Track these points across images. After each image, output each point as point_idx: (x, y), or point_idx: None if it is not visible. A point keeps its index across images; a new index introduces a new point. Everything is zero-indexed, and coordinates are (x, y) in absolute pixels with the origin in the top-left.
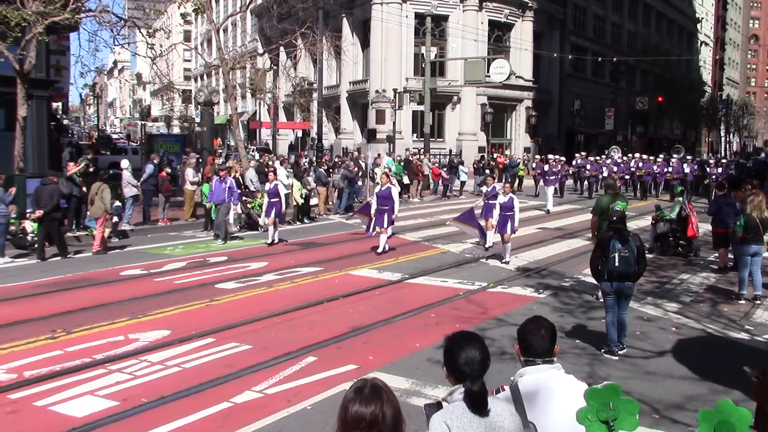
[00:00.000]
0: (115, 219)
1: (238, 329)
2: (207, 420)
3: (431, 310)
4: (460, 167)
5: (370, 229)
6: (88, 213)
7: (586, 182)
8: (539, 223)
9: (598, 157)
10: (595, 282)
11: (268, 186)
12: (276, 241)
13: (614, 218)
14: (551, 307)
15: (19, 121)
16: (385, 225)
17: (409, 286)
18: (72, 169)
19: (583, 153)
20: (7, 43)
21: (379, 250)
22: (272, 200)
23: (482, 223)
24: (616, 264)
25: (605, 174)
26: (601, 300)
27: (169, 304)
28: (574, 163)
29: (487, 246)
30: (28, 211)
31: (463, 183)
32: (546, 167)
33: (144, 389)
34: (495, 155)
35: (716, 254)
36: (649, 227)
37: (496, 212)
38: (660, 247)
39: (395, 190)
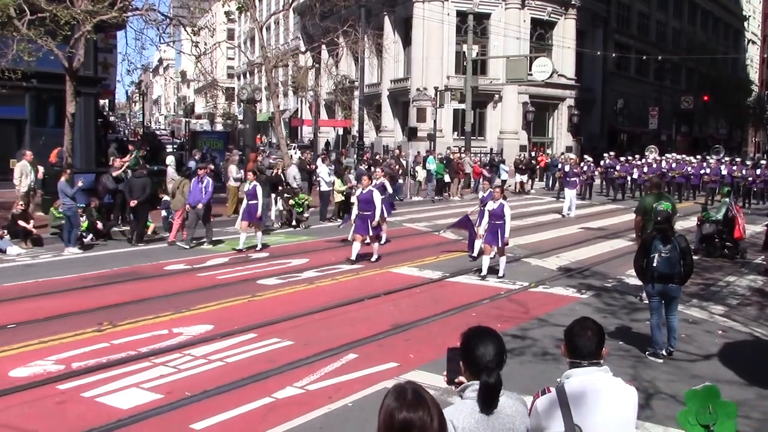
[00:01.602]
0: (164, 213)
1: (279, 325)
2: (249, 414)
3: (472, 309)
4: (501, 166)
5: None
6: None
7: (615, 184)
8: (581, 223)
9: (629, 158)
10: (639, 283)
11: (246, 186)
12: (258, 246)
13: (659, 219)
14: (594, 308)
15: (67, 117)
16: (370, 232)
17: (450, 285)
18: (118, 164)
19: (612, 153)
20: (56, 41)
21: (353, 257)
22: (250, 203)
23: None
24: (656, 264)
25: (635, 175)
26: (646, 302)
27: (212, 299)
28: (602, 163)
29: (474, 255)
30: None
31: (504, 182)
32: (567, 168)
33: (187, 383)
34: (536, 154)
35: (763, 256)
36: (694, 228)
37: (485, 220)
38: (705, 249)
39: (377, 194)
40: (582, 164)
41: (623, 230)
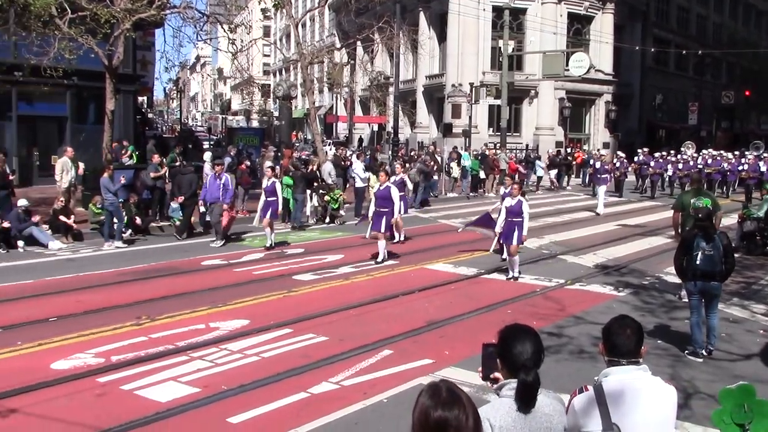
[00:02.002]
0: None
1: (315, 320)
2: (284, 409)
3: (507, 306)
4: (537, 162)
5: (396, 238)
6: (171, 204)
7: (648, 180)
8: (618, 220)
9: (663, 154)
10: (679, 281)
11: (265, 183)
12: (273, 244)
13: (700, 215)
14: (631, 306)
15: (107, 114)
16: (383, 229)
17: (485, 282)
18: (156, 160)
19: (646, 149)
20: (97, 39)
21: (379, 258)
22: (269, 199)
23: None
24: (698, 262)
25: (670, 172)
26: (685, 300)
27: (248, 294)
28: (636, 159)
29: (504, 257)
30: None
31: (539, 178)
32: (597, 164)
33: (224, 377)
34: (572, 150)
35: None
36: (734, 226)
37: (501, 217)
38: (746, 247)
39: (395, 191)
40: (615, 160)
41: (661, 227)
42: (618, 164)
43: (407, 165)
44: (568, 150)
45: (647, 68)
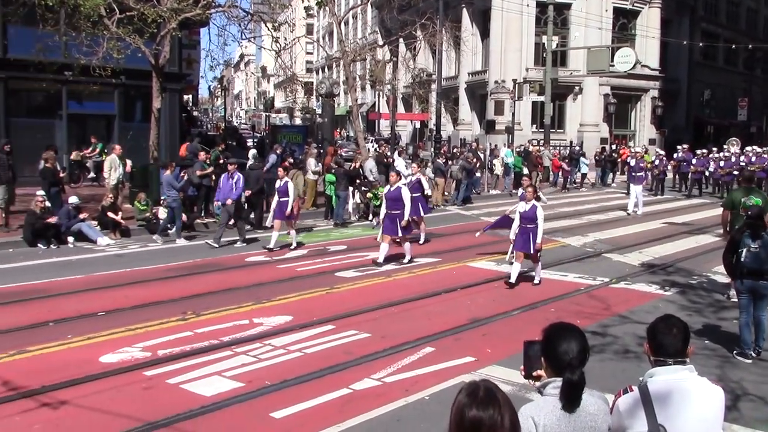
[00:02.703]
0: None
1: (357, 317)
2: (327, 405)
3: (551, 305)
4: (581, 159)
5: (421, 239)
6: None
7: (689, 179)
8: (665, 218)
9: (704, 151)
10: (727, 280)
11: (278, 183)
12: (293, 245)
13: (751, 214)
14: (678, 306)
15: (153, 112)
16: (399, 233)
17: (528, 279)
18: (202, 157)
19: (686, 146)
20: (144, 39)
21: (380, 259)
22: (281, 200)
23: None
24: (743, 259)
25: (711, 169)
26: (734, 299)
27: (291, 291)
28: (675, 156)
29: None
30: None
31: (584, 175)
32: (632, 162)
33: (267, 372)
34: (618, 147)
35: None
36: None
37: (515, 224)
38: None
39: (406, 192)
40: (653, 158)
41: (709, 225)
42: (657, 162)
43: (449, 162)
44: (613, 147)
45: (695, 63)
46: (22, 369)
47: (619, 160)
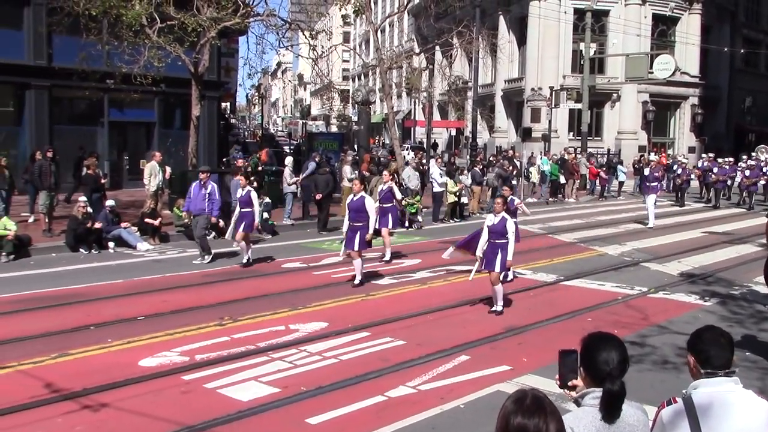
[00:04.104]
0: (265, 215)
1: (392, 324)
2: (362, 412)
3: (588, 314)
4: (619, 167)
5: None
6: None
7: (713, 189)
8: (704, 227)
9: (730, 159)
10: None
11: (240, 193)
12: (251, 260)
13: None
14: (718, 316)
15: (192, 120)
16: (356, 247)
17: (564, 288)
18: (240, 164)
19: (711, 155)
20: (184, 47)
21: (356, 281)
22: (243, 210)
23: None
24: None
25: (738, 179)
26: None
27: (327, 298)
28: (699, 165)
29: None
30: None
31: (621, 183)
32: (646, 171)
33: (303, 378)
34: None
35: None
36: None
37: (483, 239)
38: None
39: (369, 202)
40: (675, 166)
41: (751, 235)
42: (679, 170)
43: (485, 170)
44: (651, 155)
45: (736, 70)
46: (65, 371)
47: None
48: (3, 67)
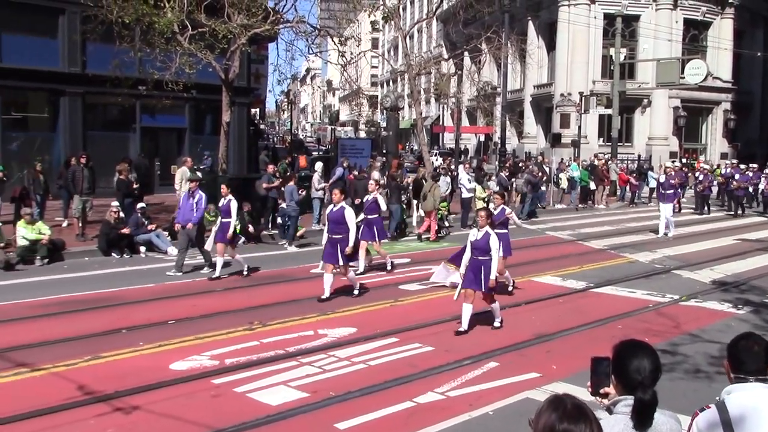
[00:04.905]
0: (279, 221)
1: (420, 330)
2: (391, 417)
3: (618, 322)
4: (650, 173)
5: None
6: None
7: (733, 197)
8: (737, 234)
9: (754, 166)
10: None
11: (221, 202)
12: (219, 275)
13: None
14: (752, 325)
15: (223, 126)
16: (340, 261)
17: (594, 296)
18: (271, 170)
19: (734, 161)
20: (214, 54)
21: (324, 295)
22: (223, 220)
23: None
24: None
25: (763, 186)
26: None
27: (355, 303)
28: (722, 172)
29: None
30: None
31: (652, 190)
32: (661, 178)
33: (332, 383)
34: (687, 161)
35: None
36: None
37: (466, 256)
38: None
39: (350, 213)
40: (698, 173)
41: None
42: (701, 177)
43: (514, 176)
44: (683, 161)
45: None
46: (97, 374)
47: (690, 174)
48: (38, 75)
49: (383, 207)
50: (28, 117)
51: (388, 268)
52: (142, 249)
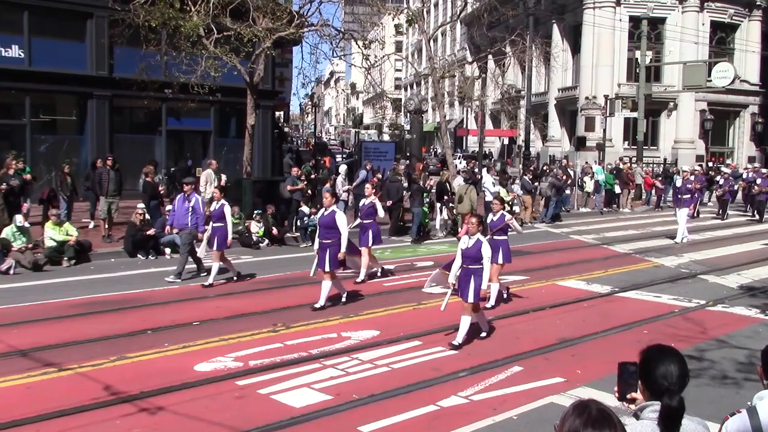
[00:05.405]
0: (298, 223)
1: (444, 333)
2: (414, 421)
3: (644, 326)
4: (675, 176)
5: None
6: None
7: (755, 201)
8: (764, 239)
9: None
10: None
11: (213, 206)
12: (212, 282)
13: None
14: None
15: (247, 129)
16: (328, 267)
17: (620, 300)
18: (295, 173)
19: (757, 165)
20: (239, 57)
21: (318, 304)
22: (216, 225)
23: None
24: None
25: None
26: None
27: (379, 306)
28: (745, 176)
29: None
30: (256, 212)
31: None
32: (678, 182)
33: (355, 386)
34: (714, 165)
35: None
36: None
37: (456, 264)
38: None
39: (341, 217)
40: (719, 177)
41: None
42: (722, 181)
43: (538, 179)
44: (710, 164)
45: None
46: (123, 374)
47: (717, 178)
48: (67, 78)
49: (381, 213)
50: (56, 120)
51: (360, 279)
52: (167, 250)
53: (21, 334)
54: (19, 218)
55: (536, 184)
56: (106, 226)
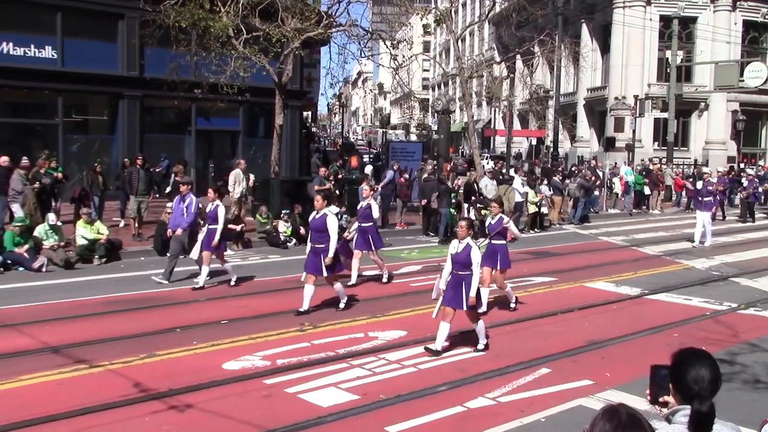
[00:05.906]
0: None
1: (471, 334)
2: (441, 422)
3: (674, 329)
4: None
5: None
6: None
7: None
8: None
9: None
10: None
11: (208, 207)
12: (203, 285)
13: None
14: None
15: (276, 129)
16: (320, 271)
17: (649, 303)
18: (323, 173)
19: None
20: (268, 57)
21: (302, 307)
22: (210, 227)
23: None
24: None
25: None
26: None
27: (406, 306)
28: None
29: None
30: (284, 212)
31: None
32: (699, 185)
33: (382, 386)
34: (746, 166)
35: None
36: None
37: (446, 270)
38: None
39: (332, 221)
40: (743, 179)
41: None
42: (746, 183)
43: (567, 180)
44: (741, 165)
45: None
46: (152, 372)
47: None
48: (99, 78)
49: (376, 214)
50: (88, 120)
51: (351, 282)
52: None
53: (52, 331)
54: (51, 216)
55: (567, 181)
56: (136, 225)
